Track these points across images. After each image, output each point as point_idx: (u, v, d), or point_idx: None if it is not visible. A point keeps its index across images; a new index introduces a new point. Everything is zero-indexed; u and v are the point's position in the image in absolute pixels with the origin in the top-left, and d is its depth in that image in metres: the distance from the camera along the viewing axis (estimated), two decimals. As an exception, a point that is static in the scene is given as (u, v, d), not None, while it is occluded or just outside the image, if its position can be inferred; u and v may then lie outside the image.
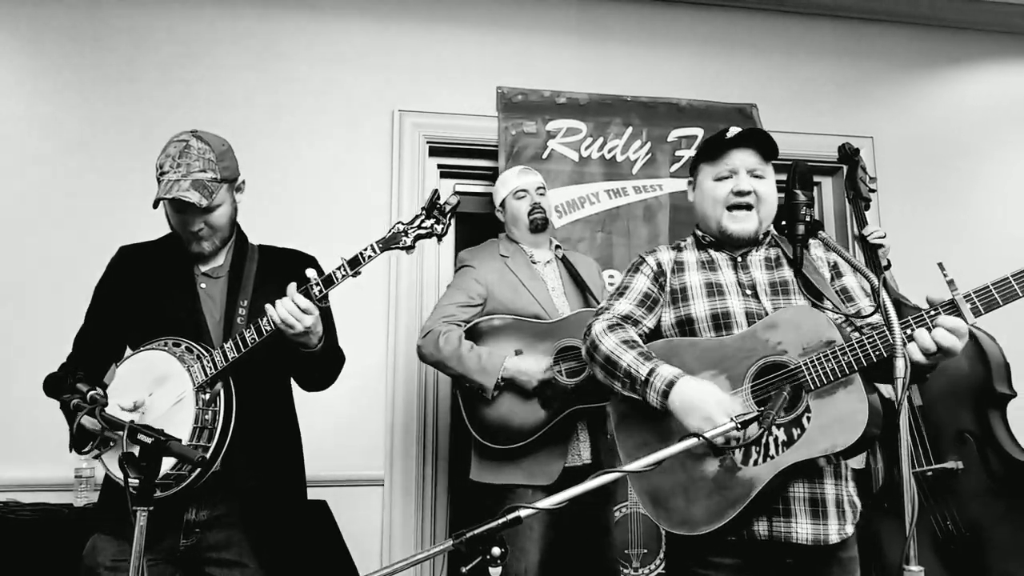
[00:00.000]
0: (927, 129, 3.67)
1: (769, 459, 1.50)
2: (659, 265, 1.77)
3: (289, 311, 1.64)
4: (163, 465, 1.39)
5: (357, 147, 3.17)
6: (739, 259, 1.74)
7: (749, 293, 1.68)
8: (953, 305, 1.43)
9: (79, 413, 1.41)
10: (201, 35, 3.14)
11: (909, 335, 1.44)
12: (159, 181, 1.70)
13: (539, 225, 2.56)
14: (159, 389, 1.66)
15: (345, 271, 1.68)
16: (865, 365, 1.47)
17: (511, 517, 1.05)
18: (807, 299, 1.67)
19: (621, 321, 1.70)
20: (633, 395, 1.59)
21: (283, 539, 1.77)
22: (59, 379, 1.60)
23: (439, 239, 1.72)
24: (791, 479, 1.54)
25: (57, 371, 1.80)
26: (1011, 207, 3.64)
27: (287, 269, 1.84)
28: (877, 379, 1.54)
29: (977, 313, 1.42)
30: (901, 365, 1.33)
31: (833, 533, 1.54)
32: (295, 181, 3.09)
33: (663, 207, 3.29)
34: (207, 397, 1.65)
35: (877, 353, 1.46)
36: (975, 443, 2.43)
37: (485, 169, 3.33)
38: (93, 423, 1.54)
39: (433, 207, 1.69)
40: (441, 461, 3.11)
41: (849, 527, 1.57)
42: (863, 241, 2.62)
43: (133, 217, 1.87)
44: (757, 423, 1.29)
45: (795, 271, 1.65)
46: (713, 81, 3.49)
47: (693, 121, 3.38)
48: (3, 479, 2.66)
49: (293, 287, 1.67)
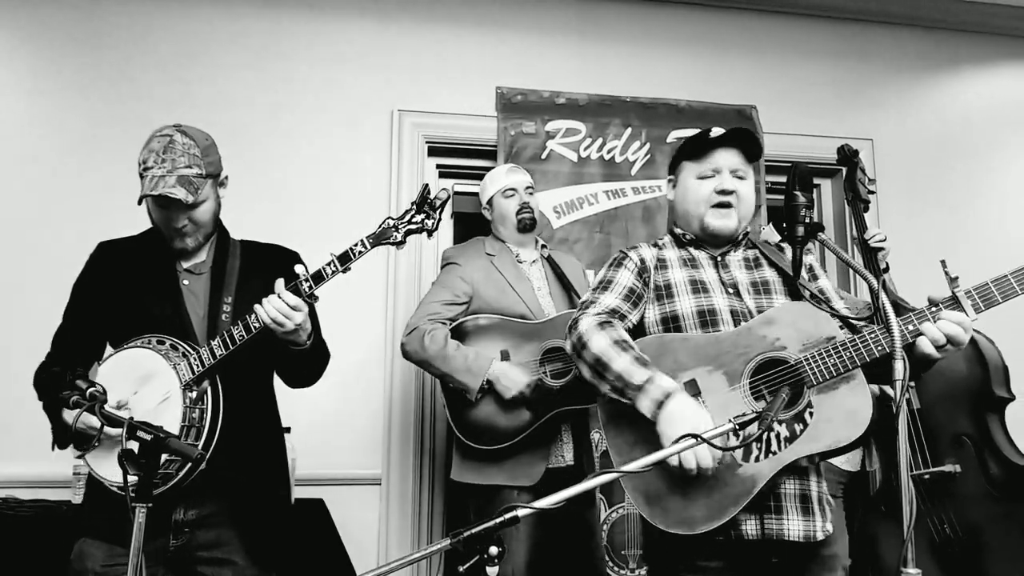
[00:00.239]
0: (926, 131, 3.67)
1: (771, 455, 1.49)
2: (642, 261, 1.75)
3: (278, 308, 1.62)
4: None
5: (356, 146, 3.17)
6: (719, 258, 1.74)
7: (731, 291, 1.68)
8: (955, 301, 1.46)
9: (78, 410, 1.40)
10: (200, 34, 3.13)
11: (913, 331, 1.46)
12: (142, 177, 1.67)
13: (527, 225, 2.55)
14: (144, 387, 1.63)
15: (335, 267, 1.66)
16: (868, 361, 1.47)
17: (508, 517, 1.05)
18: (789, 299, 1.67)
19: (609, 316, 1.66)
20: (620, 397, 1.55)
21: (273, 535, 1.76)
22: (58, 376, 1.59)
23: (429, 234, 1.70)
24: (784, 475, 1.54)
25: (43, 368, 1.78)
26: (1010, 209, 3.65)
27: (270, 265, 1.82)
28: (875, 379, 1.54)
29: (978, 309, 1.46)
30: (900, 367, 1.34)
31: (819, 530, 1.56)
32: (294, 180, 3.09)
33: (662, 208, 3.29)
34: (194, 395, 1.63)
35: (880, 349, 1.46)
36: (973, 446, 2.43)
37: (484, 169, 3.30)
38: (85, 421, 1.53)
39: (423, 202, 1.68)
40: (438, 460, 3.11)
41: (829, 524, 1.59)
42: (863, 244, 2.63)
43: (132, 216, 1.85)
44: (756, 424, 1.29)
45: (794, 273, 1.65)
46: (712, 82, 3.49)
47: (692, 122, 3.38)
48: (2, 475, 2.65)
49: (281, 283, 1.65)
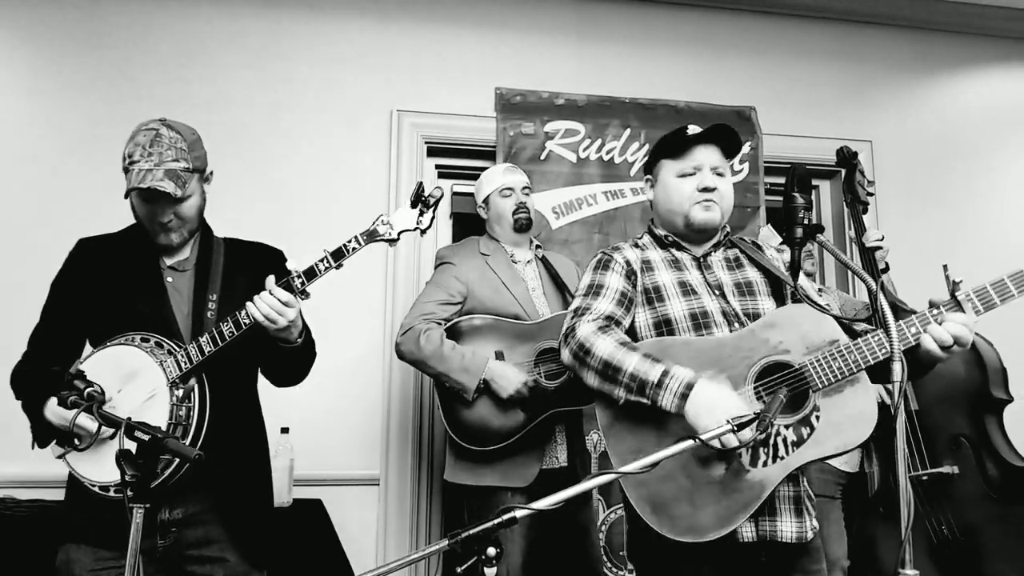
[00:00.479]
0: (925, 133, 3.68)
1: (779, 460, 1.49)
2: (628, 263, 1.72)
3: (271, 305, 1.60)
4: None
5: (356, 147, 3.17)
6: (702, 260, 1.73)
7: (717, 293, 1.67)
8: (956, 304, 1.48)
9: (76, 410, 1.39)
10: (200, 34, 3.13)
11: (916, 333, 1.47)
12: (128, 171, 1.65)
13: (523, 225, 2.54)
14: (128, 385, 1.61)
15: (328, 263, 1.65)
16: (872, 363, 1.47)
17: (507, 517, 1.05)
18: (773, 300, 1.68)
19: (606, 322, 1.62)
20: (638, 399, 1.51)
21: (262, 532, 1.76)
22: (56, 375, 1.57)
23: (423, 232, 1.70)
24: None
25: (20, 367, 1.76)
26: (1009, 211, 3.65)
27: (255, 262, 1.81)
28: (876, 380, 1.54)
29: (978, 312, 1.48)
30: (898, 369, 1.34)
31: (808, 530, 1.58)
32: (293, 180, 3.09)
33: (661, 209, 3.29)
34: (181, 393, 1.62)
35: (884, 352, 1.46)
36: (971, 448, 2.44)
37: (483, 170, 3.31)
38: (81, 422, 1.53)
39: (418, 199, 1.68)
40: (436, 460, 3.10)
41: (815, 520, 1.61)
42: (861, 245, 2.63)
43: (131, 216, 1.85)
44: (754, 426, 1.29)
45: (792, 275, 1.64)
46: (712, 84, 3.49)
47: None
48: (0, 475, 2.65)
49: (272, 280, 1.64)
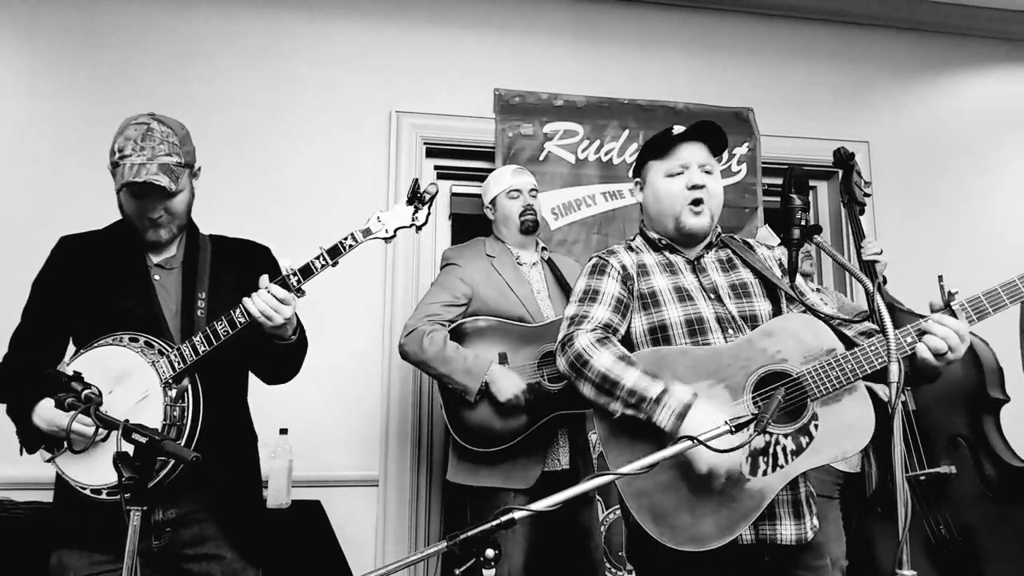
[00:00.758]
0: (922, 134, 3.68)
1: (779, 468, 1.50)
2: (624, 268, 1.71)
3: (268, 303, 1.59)
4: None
5: (355, 147, 3.17)
6: (695, 262, 1.72)
7: (712, 297, 1.66)
8: (951, 314, 1.50)
9: (73, 412, 1.38)
10: (199, 34, 3.13)
11: (912, 342, 1.48)
12: (118, 165, 1.62)
13: (530, 227, 2.55)
14: (119, 387, 1.58)
15: (324, 260, 1.64)
16: (869, 372, 1.48)
17: (505, 519, 1.05)
18: (768, 301, 1.68)
19: (604, 331, 1.62)
20: (635, 414, 1.51)
21: (257, 528, 1.76)
22: (45, 378, 1.55)
23: (418, 229, 1.69)
24: None
25: (1, 371, 1.73)
26: (1005, 211, 3.66)
27: (242, 260, 1.81)
28: (876, 380, 1.54)
29: (972, 321, 1.50)
30: (895, 370, 1.34)
31: (808, 530, 1.59)
32: (292, 180, 3.09)
33: (659, 210, 3.30)
34: (174, 393, 1.59)
35: (881, 361, 1.47)
36: (968, 448, 2.44)
37: (482, 170, 3.32)
38: (51, 424, 1.52)
39: (414, 196, 1.67)
40: (436, 461, 3.11)
41: (816, 519, 1.61)
42: (859, 256, 2.65)
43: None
44: (752, 427, 1.29)
45: (790, 277, 1.65)
46: (710, 85, 3.49)
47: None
48: (-4, 478, 2.65)
49: (266, 278, 1.63)
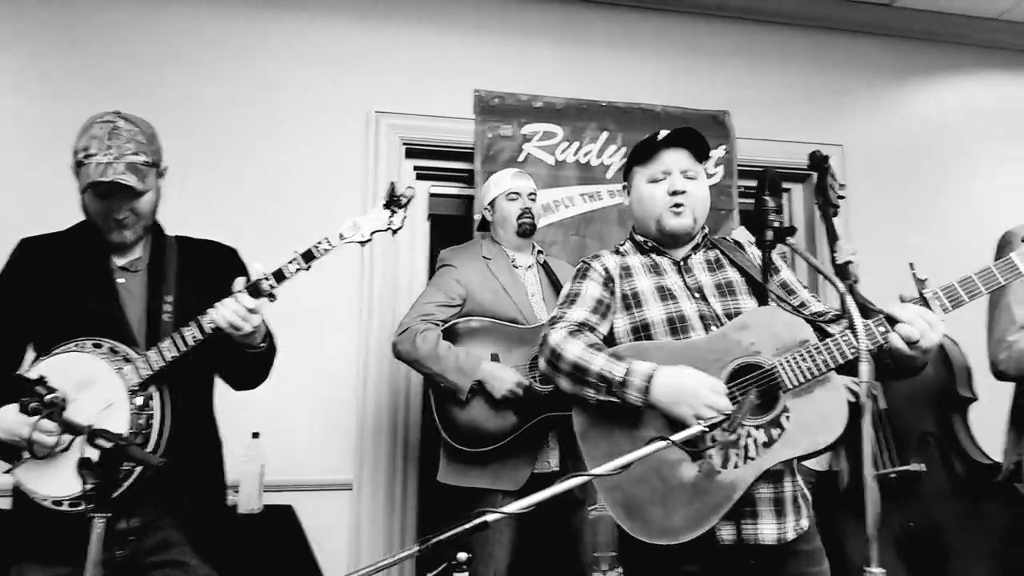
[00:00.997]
0: (896, 138, 3.74)
1: (749, 461, 1.50)
2: (607, 270, 1.74)
3: (236, 312, 1.56)
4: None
5: (334, 148, 3.15)
6: (681, 263, 1.74)
7: (697, 296, 1.68)
8: (923, 302, 1.48)
9: (35, 417, 1.35)
10: (177, 36, 3.09)
11: (884, 331, 1.47)
12: (82, 164, 1.59)
13: (527, 230, 2.57)
14: (82, 394, 1.53)
15: (299, 264, 1.62)
16: (841, 363, 1.49)
17: (478, 522, 1.05)
18: (754, 299, 1.69)
19: (578, 328, 1.65)
20: (609, 399, 1.54)
21: (221, 533, 1.73)
22: (15, 381, 1.50)
23: (395, 232, 1.68)
24: (758, 481, 1.54)
25: None
26: (975, 214, 3.72)
27: (209, 262, 1.77)
28: (850, 372, 1.55)
29: (946, 309, 1.48)
30: (865, 369, 1.36)
31: (790, 530, 1.56)
32: (271, 181, 3.06)
33: (637, 212, 3.31)
34: (140, 400, 1.56)
35: (853, 351, 1.47)
36: (938, 446, 2.48)
37: (461, 171, 3.32)
38: (10, 433, 1.48)
39: (390, 200, 1.66)
40: (411, 464, 3.09)
41: (804, 520, 1.58)
42: (832, 259, 2.68)
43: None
44: (724, 426, 1.30)
45: (763, 278, 1.66)
46: (688, 88, 3.52)
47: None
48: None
49: (241, 282, 1.60)
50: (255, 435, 2.58)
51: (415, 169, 3.33)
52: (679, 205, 1.70)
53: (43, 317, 1.64)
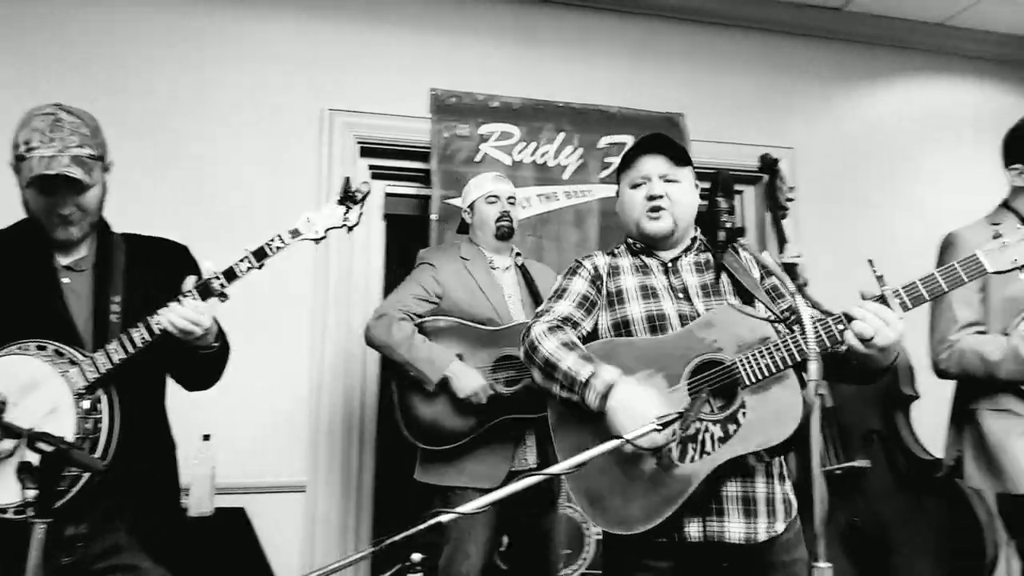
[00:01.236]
0: (844, 141, 3.84)
1: (705, 455, 1.53)
2: (596, 269, 1.80)
3: (184, 316, 1.52)
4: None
5: (287, 146, 3.10)
6: (670, 265, 1.78)
7: (681, 296, 1.72)
8: (882, 300, 1.49)
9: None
10: (126, 31, 3.00)
11: (843, 329, 1.49)
12: (23, 158, 1.52)
13: (505, 233, 2.58)
14: (26, 399, 1.49)
15: (250, 263, 1.59)
16: (799, 360, 1.51)
17: (432, 522, 1.04)
18: (737, 300, 1.72)
19: (561, 323, 1.70)
20: (570, 396, 1.58)
21: (172, 535, 1.69)
22: None
23: (350, 229, 1.66)
24: (725, 478, 1.57)
25: None
26: (923, 216, 3.82)
27: (159, 259, 1.73)
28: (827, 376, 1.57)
29: (905, 307, 1.49)
30: (814, 368, 1.39)
31: (762, 531, 1.57)
32: (222, 180, 3.00)
33: (593, 212, 3.34)
34: (88, 404, 1.51)
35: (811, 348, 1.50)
36: (882, 442, 2.56)
37: (417, 171, 3.30)
38: None
39: (345, 195, 1.64)
40: (367, 465, 3.06)
41: (779, 524, 1.59)
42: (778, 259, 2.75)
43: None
44: (678, 424, 1.32)
45: (715, 276, 1.71)
46: (643, 89, 3.56)
47: (623, 128, 3.44)
48: None
49: (191, 281, 1.56)
50: (206, 437, 2.52)
51: (370, 168, 3.30)
52: (656, 209, 1.75)
53: None
